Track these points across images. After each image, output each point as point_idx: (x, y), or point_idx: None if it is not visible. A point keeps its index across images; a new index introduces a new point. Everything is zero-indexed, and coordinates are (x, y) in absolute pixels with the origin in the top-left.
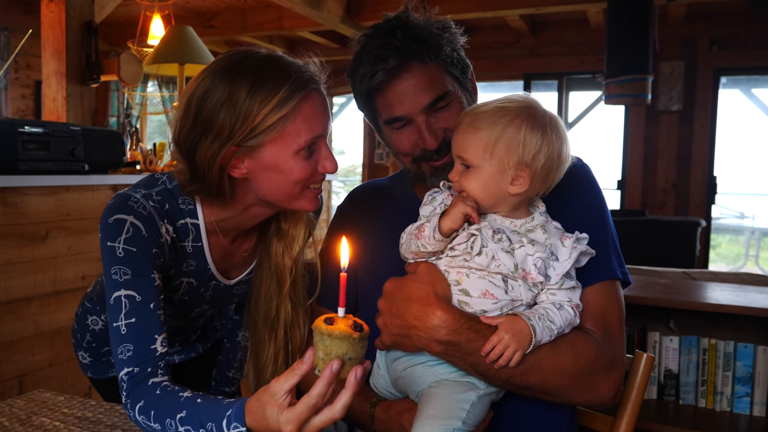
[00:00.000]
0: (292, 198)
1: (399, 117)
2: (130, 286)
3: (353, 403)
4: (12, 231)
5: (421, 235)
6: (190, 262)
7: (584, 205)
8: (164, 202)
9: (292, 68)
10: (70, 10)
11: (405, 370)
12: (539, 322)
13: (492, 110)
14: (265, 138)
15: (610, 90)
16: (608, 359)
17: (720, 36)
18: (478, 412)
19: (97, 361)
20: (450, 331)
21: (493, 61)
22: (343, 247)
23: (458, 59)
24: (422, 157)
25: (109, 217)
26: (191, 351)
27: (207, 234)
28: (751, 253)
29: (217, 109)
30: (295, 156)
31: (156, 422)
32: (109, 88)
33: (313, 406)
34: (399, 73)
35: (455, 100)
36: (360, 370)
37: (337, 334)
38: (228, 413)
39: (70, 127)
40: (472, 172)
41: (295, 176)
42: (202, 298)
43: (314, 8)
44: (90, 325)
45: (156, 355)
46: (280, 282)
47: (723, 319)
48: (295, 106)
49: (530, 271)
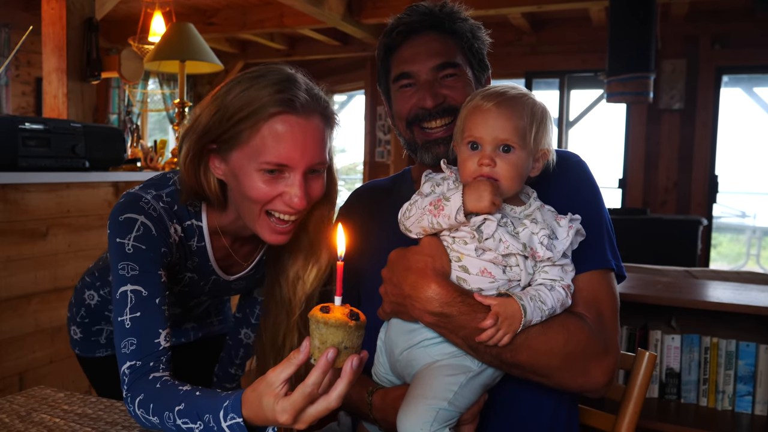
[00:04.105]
0: (252, 218)
1: (407, 72)
2: (136, 282)
3: (352, 392)
4: (12, 228)
5: (440, 213)
6: (194, 259)
7: (579, 198)
8: (173, 203)
9: (292, 87)
10: (70, 6)
11: (402, 354)
12: (530, 303)
13: (520, 94)
14: (236, 142)
15: (611, 88)
16: (600, 345)
17: (722, 34)
18: (466, 394)
19: (86, 338)
20: (442, 304)
21: (494, 59)
22: (339, 236)
23: (478, 51)
24: (416, 119)
25: (119, 215)
26: (182, 336)
27: (210, 235)
28: (752, 252)
29: (207, 106)
30: (256, 172)
31: (155, 415)
32: (109, 85)
33: (308, 395)
34: (418, 32)
35: (464, 77)
36: (356, 359)
37: (332, 322)
38: (225, 404)
39: (71, 123)
40: (513, 155)
41: (250, 193)
42: (202, 290)
43: (315, 5)
44: (86, 299)
45: (159, 349)
46: (289, 312)
47: (725, 317)
48: (266, 120)
49: (537, 250)
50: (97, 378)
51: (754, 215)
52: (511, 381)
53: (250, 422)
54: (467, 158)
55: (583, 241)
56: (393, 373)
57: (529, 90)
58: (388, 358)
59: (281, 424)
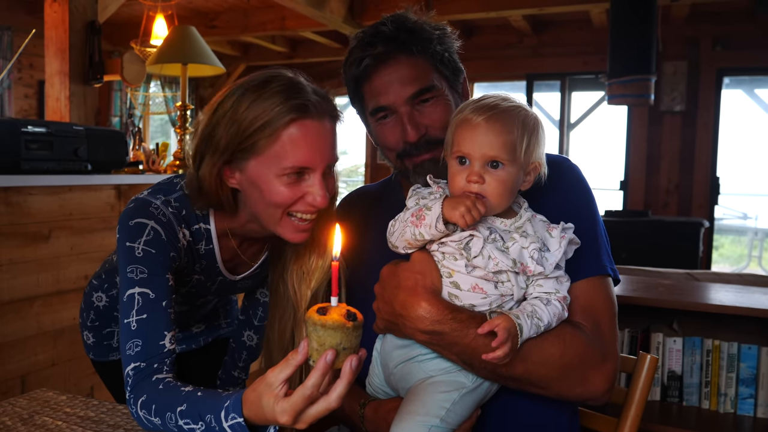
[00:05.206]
0: (273, 221)
1: (383, 106)
2: (144, 284)
3: (344, 403)
4: (15, 230)
5: (421, 223)
6: (202, 262)
7: (573, 203)
8: (182, 208)
9: (301, 92)
10: (73, 9)
11: (396, 367)
12: (527, 320)
13: (511, 107)
14: (252, 152)
15: (612, 90)
16: (598, 352)
17: (723, 36)
18: (459, 411)
19: (99, 342)
20: (434, 322)
21: (495, 62)
22: (336, 236)
23: (449, 60)
24: (404, 153)
25: (129, 220)
26: (192, 342)
27: (218, 238)
28: (754, 253)
29: (220, 122)
30: (277, 178)
31: (156, 416)
32: (112, 88)
33: (308, 396)
34: (386, 61)
35: (441, 97)
36: (355, 359)
37: (330, 324)
38: (226, 404)
39: (73, 126)
40: (502, 171)
41: (273, 199)
42: (208, 290)
43: (317, 8)
44: (95, 302)
45: (164, 351)
46: (296, 307)
47: (726, 320)
48: (284, 127)
49: (528, 264)
50: (113, 382)
51: (756, 217)
52: (509, 392)
53: (251, 422)
54: (456, 173)
55: (578, 248)
56: (388, 385)
57: (530, 91)
58: (383, 369)
59: (282, 424)
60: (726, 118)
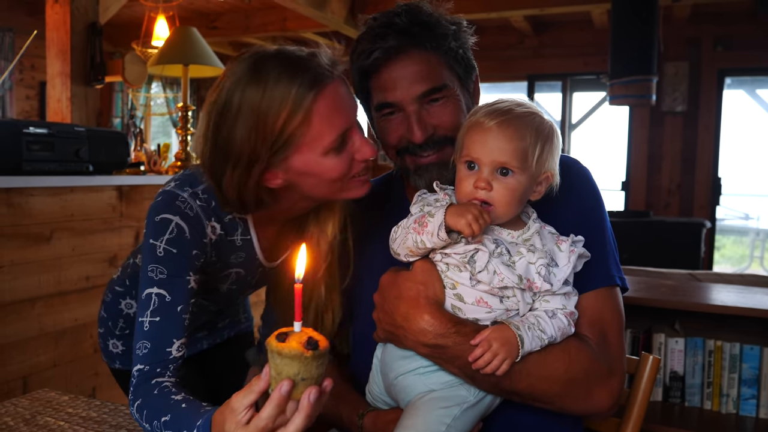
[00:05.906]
0: (338, 192)
1: (390, 103)
2: (162, 286)
3: (343, 412)
4: (16, 232)
5: (423, 230)
6: (240, 254)
7: (583, 211)
8: (210, 200)
9: (300, 67)
10: (74, 11)
11: (396, 379)
12: (528, 332)
13: (524, 113)
14: (290, 147)
15: (614, 91)
16: (604, 367)
17: (724, 36)
18: (460, 427)
19: (129, 350)
20: (436, 336)
21: (496, 62)
22: (300, 257)
23: (463, 57)
24: (406, 150)
25: (156, 215)
26: (217, 337)
27: (255, 226)
28: (756, 254)
29: (233, 131)
30: (324, 156)
31: (147, 422)
32: (113, 89)
33: (263, 428)
34: (396, 56)
35: (452, 97)
36: (315, 391)
37: (286, 353)
38: (198, 423)
39: (75, 128)
40: (512, 179)
41: (330, 175)
42: (249, 284)
43: (318, 9)
44: (124, 309)
45: (169, 358)
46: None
47: (729, 320)
48: (311, 107)
49: (534, 281)
50: None
51: (758, 217)
52: (512, 404)
53: None
54: (464, 178)
55: (587, 260)
56: (388, 394)
57: (531, 91)
58: (383, 379)
59: None
60: (727, 119)
